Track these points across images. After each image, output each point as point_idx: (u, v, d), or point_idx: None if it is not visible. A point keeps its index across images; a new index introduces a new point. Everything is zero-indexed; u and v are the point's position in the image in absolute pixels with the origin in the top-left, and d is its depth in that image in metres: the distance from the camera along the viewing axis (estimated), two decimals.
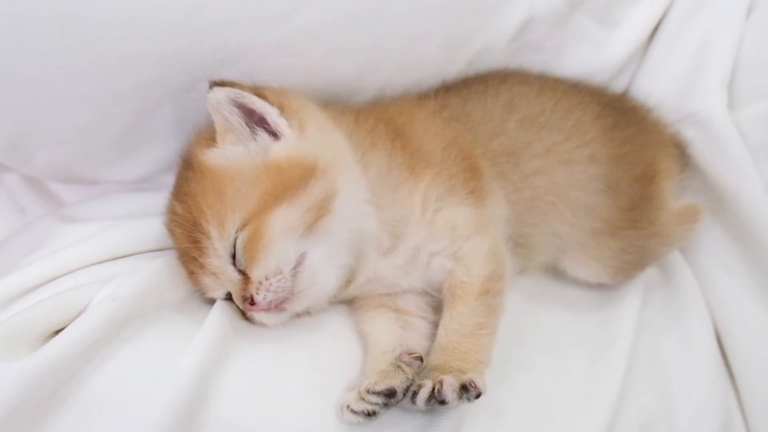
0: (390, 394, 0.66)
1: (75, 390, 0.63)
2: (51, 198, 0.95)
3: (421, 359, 0.70)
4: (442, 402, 0.64)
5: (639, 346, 0.86)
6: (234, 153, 0.71)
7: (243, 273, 0.70)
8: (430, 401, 0.65)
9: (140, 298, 0.70)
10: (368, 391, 0.65)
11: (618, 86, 1.03)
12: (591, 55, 0.98)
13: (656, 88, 1.01)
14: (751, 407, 0.86)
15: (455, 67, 0.90)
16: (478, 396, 0.65)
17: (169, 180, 0.89)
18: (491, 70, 0.92)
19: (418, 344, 0.75)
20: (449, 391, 0.64)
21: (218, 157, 0.72)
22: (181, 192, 0.73)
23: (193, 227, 0.70)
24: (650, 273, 0.99)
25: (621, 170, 0.88)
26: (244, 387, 0.66)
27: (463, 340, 0.71)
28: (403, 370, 0.68)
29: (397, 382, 0.67)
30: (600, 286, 0.93)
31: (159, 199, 0.88)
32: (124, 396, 0.63)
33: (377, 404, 0.65)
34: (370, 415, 0.65)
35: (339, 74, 0.83)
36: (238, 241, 0.69)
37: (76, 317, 0.67)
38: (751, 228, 0.92)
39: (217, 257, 0.70)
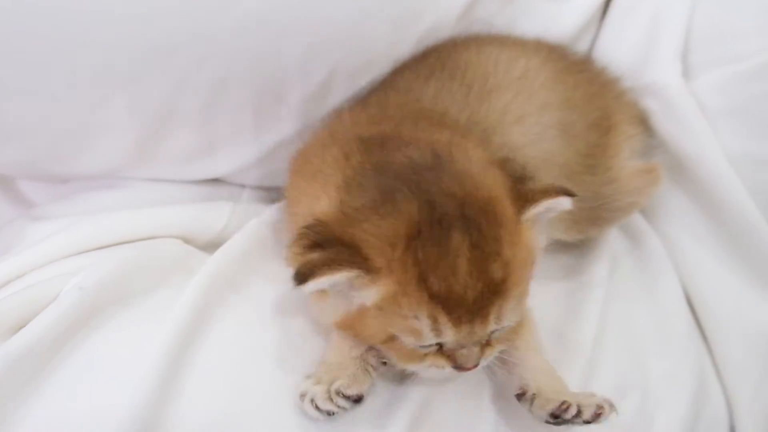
0: (358, 399, 0.67)
1: (44, 380, 0.64)
2: (22, 201, 0.96)
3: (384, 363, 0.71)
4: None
5: (609, 314, 0.87)
6: None
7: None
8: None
9: (108, 286, 0.72)
10: (338, 393, 0.66)
11: None
12: (543, 29, 0.99)
13: (613, 60, 1.02)
14: (725, 368, 0.88)
15: (405, 46, 0.91)
16: None
17: (135, 173, 0.91)
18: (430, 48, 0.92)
19: None
20: None
21: None
22: None
23: None
24: (618, 241, 1.00)
25: (575, 114, 0.88)
26: (208, 385, 0.67)
27: None
28: (370, 374, 0.69)
29: (366, 387, 0.68)
30: (563, 248, 0.94)
31: (127, 195, 0.90)
32: (93, 385, 0.65)
33: (344, 408, 0.66)
34: (330, 414, 0.66)
35: (287, 58, 0.84)
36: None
37: (44, 309, 0.68)
38: (713, 194, 0.93)
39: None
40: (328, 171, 0.70)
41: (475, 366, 0.66)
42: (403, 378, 0.72)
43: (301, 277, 0.59)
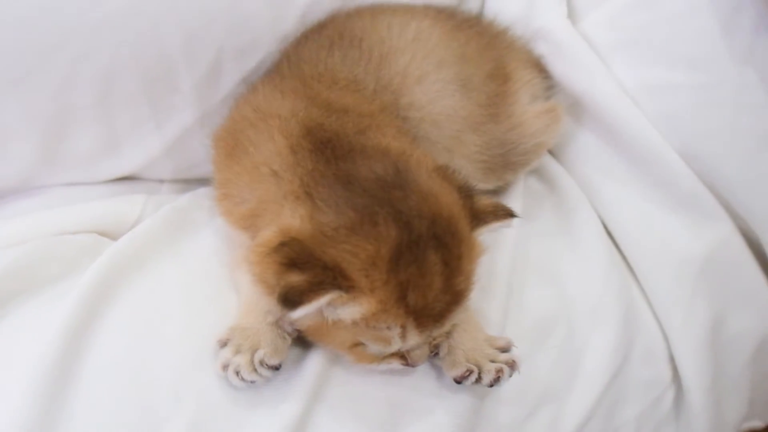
0: (278, 367, 0.70)
1: None
2: None
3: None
4: None
5: (528, 251, 0.89)
6: None
7: None
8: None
9: (15, 275, 0.74)
10: (261, 364, 0.68)
11: None
12: None
13: (503, 13, 1.05)
14: (655, 298, 0.89)
15: (289, 23, 0.93)
16: None
17: (49, 180, 0.92)
18: (325, 20, 0.95)
19: None
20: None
21: None
22: None
23: None
24: (536, 187, 1.02)
25: (471, 67, 0.91)
26: (111, 359, 0.69)
27: None
28: (287, 341, 0.72)
29: (285, 356, 0.71)
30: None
31: (42, 201, 0.93)
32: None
33: (266, 377, 0.69)
34: (253, 382, 0.68)
35: (169, 44, 0.86)
36: None
37: None
38: (615, 128, 0.95)
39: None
40: (276, 167, 0.72)
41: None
42: (304, 349, 0.74)
43: (291, 304, 0.61)
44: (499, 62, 0.95)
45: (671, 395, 0.88)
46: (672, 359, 0.88)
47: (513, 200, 0.96)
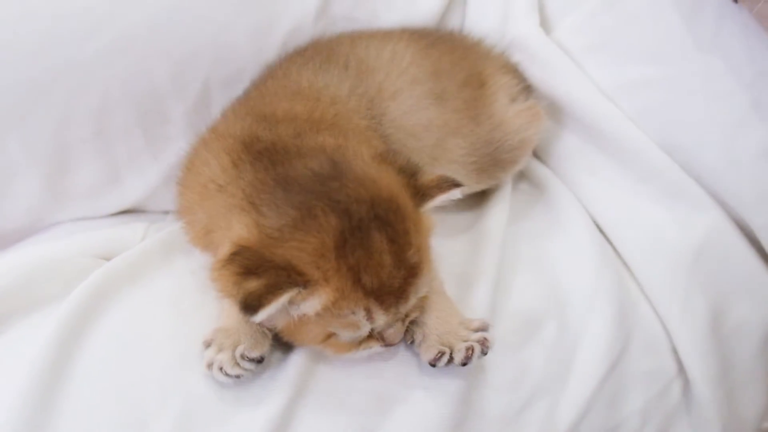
0: (261, 360, 0.72)
1: None
2: None
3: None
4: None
5: (516, 249, 0.90)
6: None
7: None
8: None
9: (13, 293, 0.78)
10: (243, 357, 0.71)
11: None
12: (405, 18, 1.06)
13: (482, 29, 1.09)
14: (651, 291, 0.88)
15: (271, 53, 0.98)
16: None
17: (57, 217, 0.97)
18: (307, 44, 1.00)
19: None
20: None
21: None
22: None
23: None
24: (524, 188, 1.05)
25: (444, 80, 0.95)
26: (108, 341, 0.73)
27: None
28: (267, 336, 0.74)
29: (266, 349, 0.73)
30: (467, 204, 0.99)
31: (50, 236, 0.97)
32: None
33: (250, 370, 0.71)
34: (238, 377, 0.71)
35: (158, 76, 0.92)
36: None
37: None
38: (594, 126, 0.97)
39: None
40: (222, 182, 0.76)
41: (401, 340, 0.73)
42: (288, 351, 0.76)
43: (251, 309, 0.64)
44: (473, 70, 0.99)
45: (678, 387, 0.86)
46: (675, 351, 0.86)
47: (501, 201, 0.98)
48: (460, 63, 0.98)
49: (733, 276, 0.89)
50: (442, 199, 0.74)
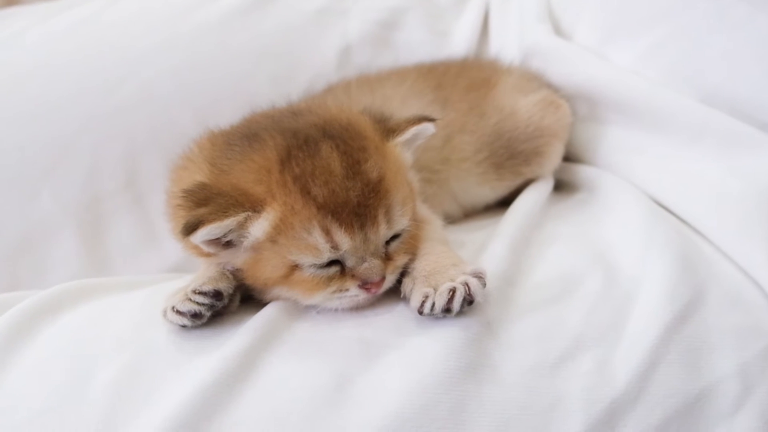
0: (216, 295, 0.67)
1: None
2: None
3: None
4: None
5: (560, 232, 0.82)
6: None
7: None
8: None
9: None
10: (195, 291, 0.66)
11: None
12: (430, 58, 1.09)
13: (504, 42, 1.14)
14: (724, 244, 0.78)
15: (293, 99, 0.98)
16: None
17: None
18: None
19: None
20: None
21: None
22: None
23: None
24: (572, 192, 0.99)
25: (447, 91, 0.96)
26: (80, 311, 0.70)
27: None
28: (228, 277, 0.69)
29: (224, 285, 0.68)
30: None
31: None
32: None
33: (204, 305, 0.66)
34: (195, 316, 0.65)
35: (180, 122, 0.96)
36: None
37: None
38: (628, 103, 0.95)
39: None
40: (194, 158, 0.75)
41: (382, 280, 0.66)
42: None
43: (190, 227, 0.62)
44: (478, 77, 1.01)
45: None
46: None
47: (533, 191, 0.92)
48: (463, 74, 1.01)
49: None
50: (413, 131, 0.71)
